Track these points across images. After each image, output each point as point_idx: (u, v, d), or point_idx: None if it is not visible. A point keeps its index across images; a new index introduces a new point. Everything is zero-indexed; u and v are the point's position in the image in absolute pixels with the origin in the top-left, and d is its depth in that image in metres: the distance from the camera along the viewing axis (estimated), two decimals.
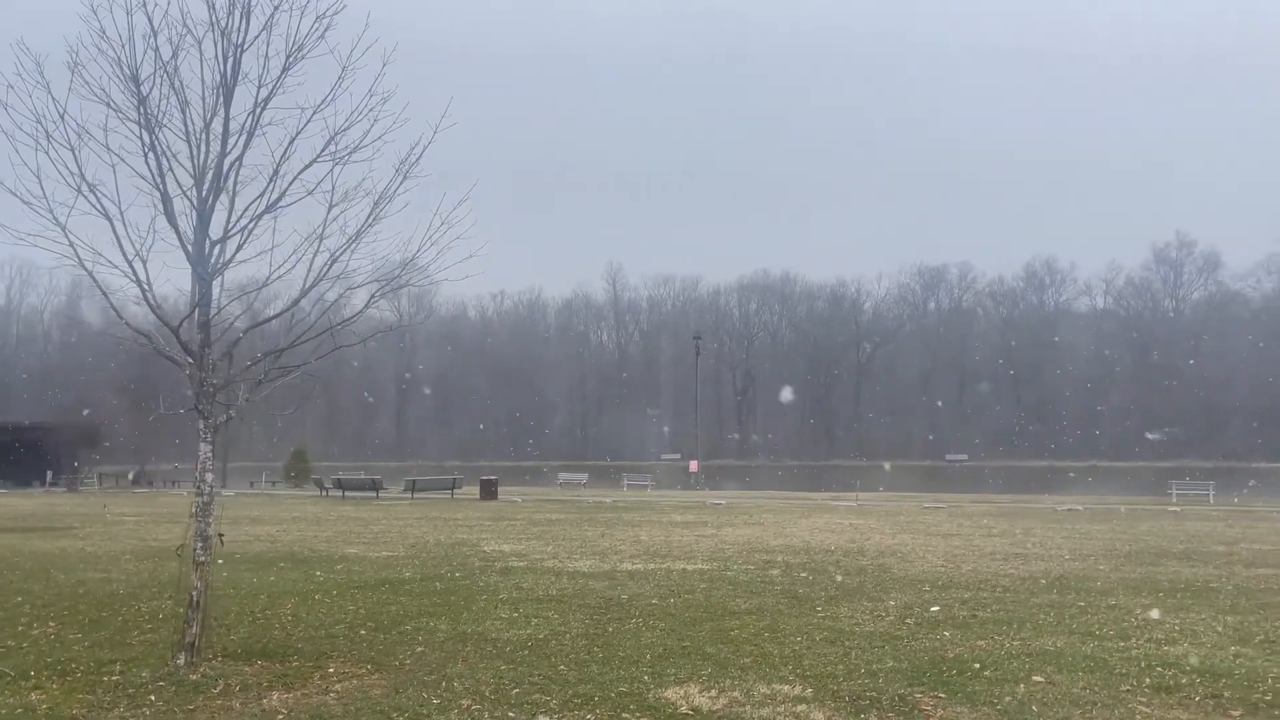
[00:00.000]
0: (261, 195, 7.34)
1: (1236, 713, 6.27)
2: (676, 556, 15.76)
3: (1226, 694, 6.68)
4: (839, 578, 12.95)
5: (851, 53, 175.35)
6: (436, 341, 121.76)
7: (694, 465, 52.54)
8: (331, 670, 7.42)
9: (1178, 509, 31.99)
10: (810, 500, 38.31)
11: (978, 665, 7.54)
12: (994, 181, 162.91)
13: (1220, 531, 21.42)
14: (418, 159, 7.68)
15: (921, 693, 6.75)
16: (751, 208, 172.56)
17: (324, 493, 42.06)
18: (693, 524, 23.50)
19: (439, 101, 7.94)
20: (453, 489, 40.95)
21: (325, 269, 7.59)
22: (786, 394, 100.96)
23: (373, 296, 7.81)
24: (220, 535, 7.52)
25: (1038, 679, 7.10)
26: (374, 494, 40.03)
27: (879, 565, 14.48)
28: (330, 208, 7.73)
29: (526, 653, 8.01)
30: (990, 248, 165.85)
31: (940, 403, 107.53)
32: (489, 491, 37.62)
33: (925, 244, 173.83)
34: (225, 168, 7.32)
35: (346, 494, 40.33)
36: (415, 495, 39.70)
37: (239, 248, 7.35)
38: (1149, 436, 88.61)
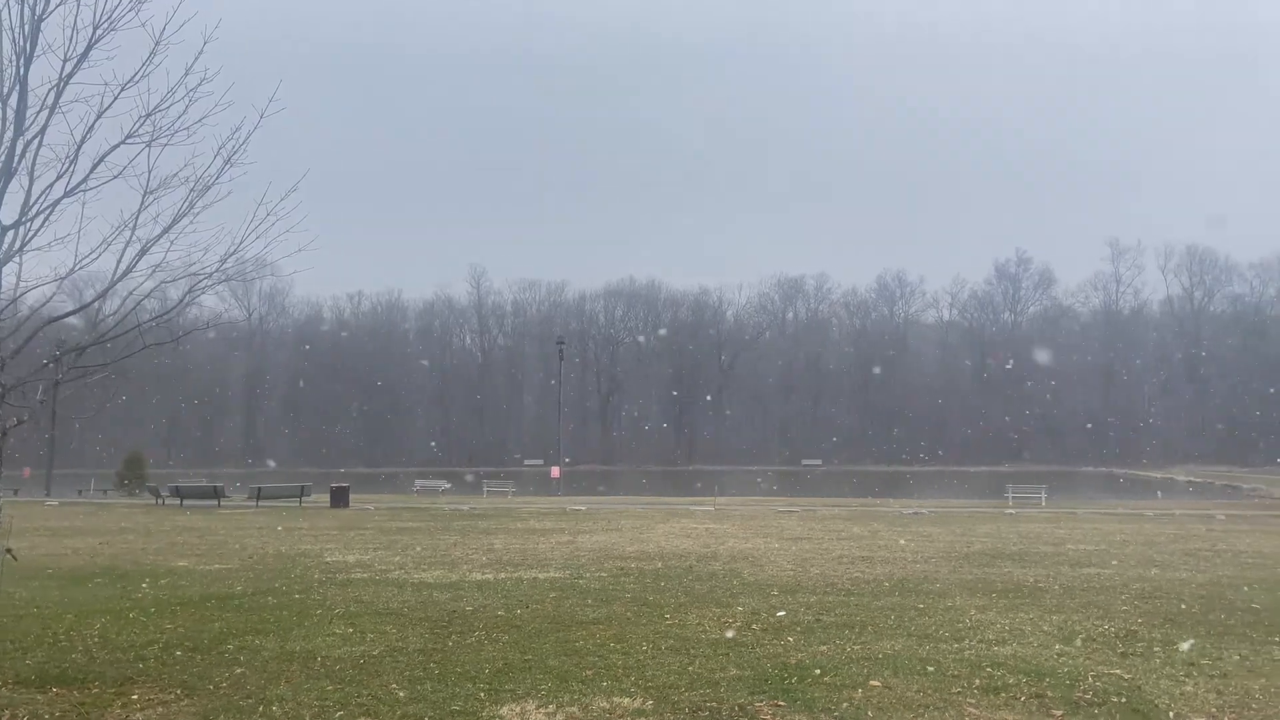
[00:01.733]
0: (60, 177, 6.68)
1: (1059, 712, 6.45)
2: (529, 565, 15.44)
3: (1050, 693, 6.88)
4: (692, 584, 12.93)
5: (713, 62, 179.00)
6: (289, 344, 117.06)
7: (556, 471, 52.11)
8: (135, 697, 6.80)
9: (1013, 512, 33.67)
10: (670, 505, 38.50)
11: (818, 671, 7.56)
12: (851, 195, 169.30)
13: (1050, 533, 22.58)
14: (242, 144, 7.18)
15: (762, 701, 6.70)
16: (619, 215, 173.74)
17: (159, 501, 39.63)
18: (550, 531, 23.20)
19: (298, 99, 7.45)
20: (301, 497, 39.29)
21: (135, 260, 6.98)
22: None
23: (186, 294, 7.23)
24: (9, 551, 6.80)
25: (875, 683, 7.16)
26: (215, 502, 37.98)
27: (731, 570, 14.55)
28: (145, 194, 7.15)
29: (357, 671, 7.58)
30: (846, 260, 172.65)
31: (797, 409, 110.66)
32: (340, 499, 36.25)
33: (785, 255, 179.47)
34: (19, 146, 6.63)
35: (185, 503, 38.09)
36: (261, 503, 37.87)
37: (33, 234, 6.67)
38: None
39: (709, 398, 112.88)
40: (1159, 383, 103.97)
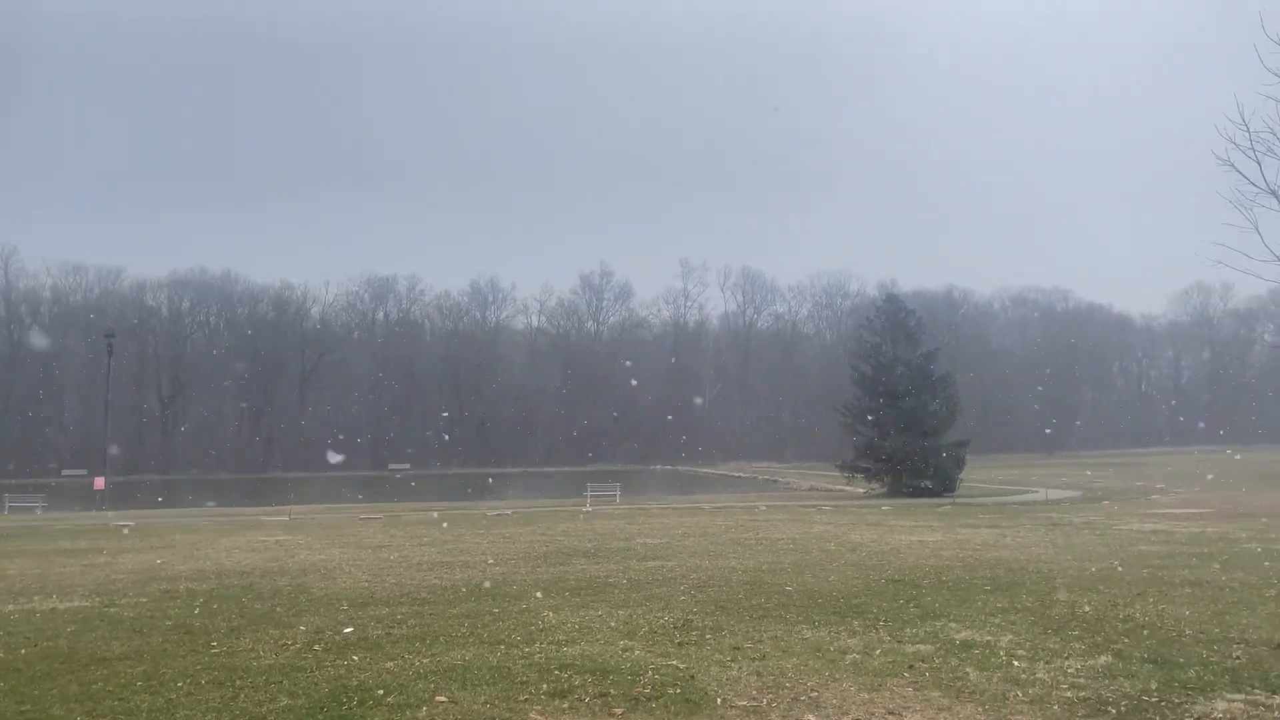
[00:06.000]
0: None
1: (619, 709, 6.50)
2: (49, 593, 13.09)
3: (613, 691, 6.95)
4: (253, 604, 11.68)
5: (306, 53, 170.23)
6: None
7: (100, 483, 45.76)
8: None
9: (590, 509, 35.39)
10: (239, 517, 35.49)
11: (381, 691, 7.02)
12: (446, 197, 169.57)
13: (622, 529, 23.86)
14: None
15: None
16: (191, 198, 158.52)
17: None
18: (84, 551, 20.08)
19: None
20: None
21: None
22: None
23: None
24: None
25: (441, 699, 6.78)
26: None
27: (298, 585, 13.43)
28: None
29: None
30: (440, 262, 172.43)
31: (387, 412, 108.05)
32: None
33: (376, 254, 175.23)
34: None
35: None
36: None
37: None
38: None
39: (291, 400, 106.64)
40: (717, 389, 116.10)
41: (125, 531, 26.65)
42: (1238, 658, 7.86)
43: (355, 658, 8.25)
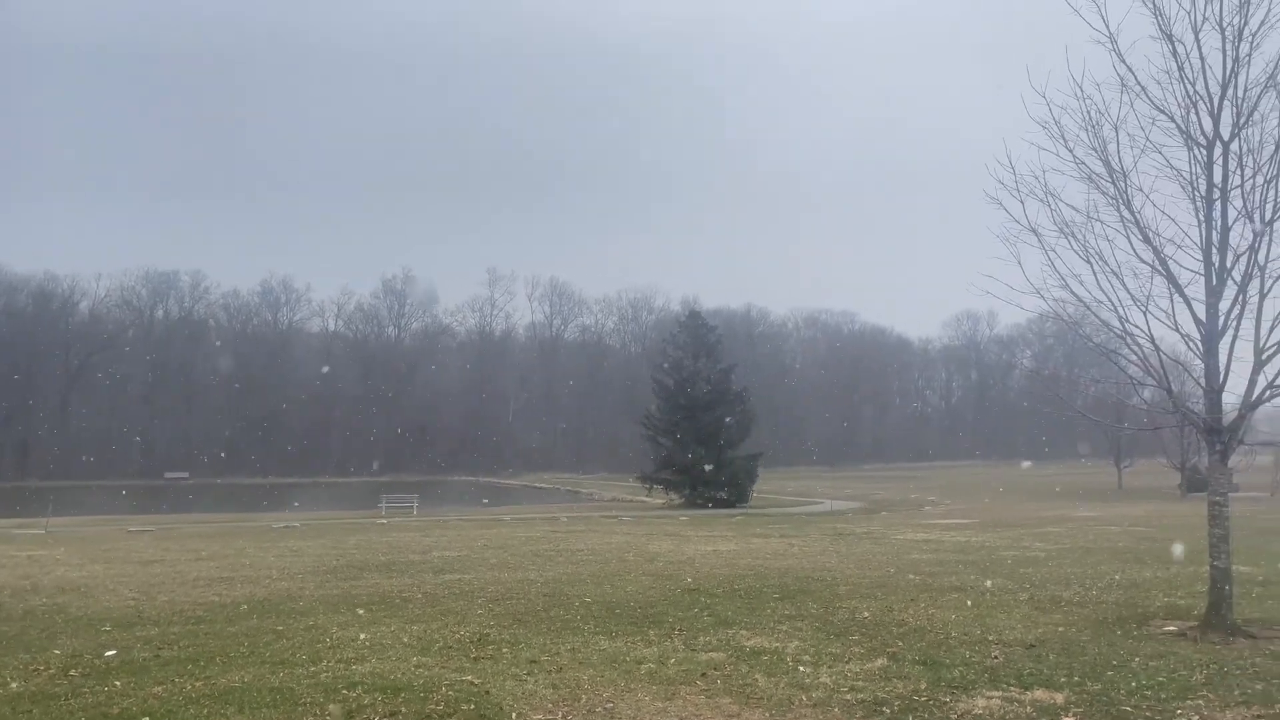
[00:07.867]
0: None
1: None
2: None
3: (404, 709, 6.71)
4: None
5: (90, 42, 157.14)
6: None
7: None
8: None
9: (385, 521, 34.31)
10: None
11: (147, 719, 6.47)
12: (238, 194, 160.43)
13: (418, 541, 23.24)
14: None
15: None
16: None
17: None
18: None
19: None
20: None
21: None
22: None
23: None
24: None
25: None
26: None
27: (53, 605, 12.24)
28: None
29: None
30: (228, 259, 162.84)
31: (164, 416, 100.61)
32: None
33: (154, 247, 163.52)
34: None
35: None
36: None
37: None
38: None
39: (53, 402, 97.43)
40: (522, 399, 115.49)
41: None
42: (995, 657, 8.53)
43: (117, 683, 7.58)
